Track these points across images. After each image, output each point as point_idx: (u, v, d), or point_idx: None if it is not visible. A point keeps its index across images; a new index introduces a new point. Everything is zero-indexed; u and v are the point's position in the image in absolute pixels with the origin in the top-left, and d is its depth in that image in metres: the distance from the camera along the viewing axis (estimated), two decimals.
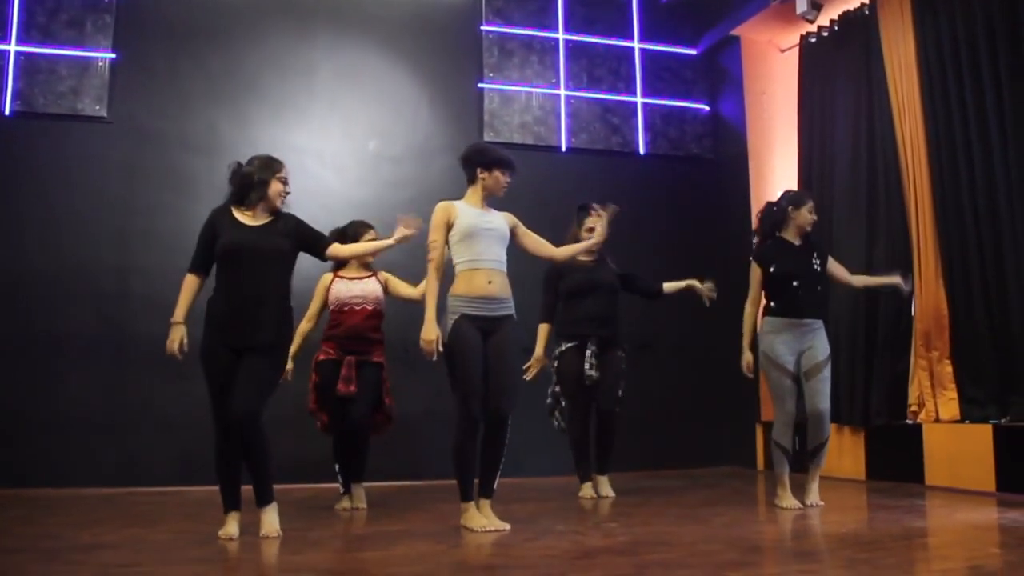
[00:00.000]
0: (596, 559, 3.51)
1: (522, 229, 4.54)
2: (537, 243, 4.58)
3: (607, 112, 7.77)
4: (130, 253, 6.50)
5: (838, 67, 6.98)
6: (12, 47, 6.50)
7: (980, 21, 5.75)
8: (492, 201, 4.51)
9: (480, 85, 7.49)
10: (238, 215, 4.17)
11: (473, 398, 4.16)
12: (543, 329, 5.63)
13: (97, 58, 6.66)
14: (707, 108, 8.02)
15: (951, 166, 5.94)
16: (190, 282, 4.13)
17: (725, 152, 7.86)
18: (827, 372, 4.90)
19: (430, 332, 4.18)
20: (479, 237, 4.30)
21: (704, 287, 5.61)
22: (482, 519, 4.21)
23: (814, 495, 4.94)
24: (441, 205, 4.38)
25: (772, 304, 4.99)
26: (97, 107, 6.63)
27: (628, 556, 3.51)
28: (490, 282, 4.27)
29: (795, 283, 4.88)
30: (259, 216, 4.17)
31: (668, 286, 5.69)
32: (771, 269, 4.96)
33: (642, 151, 7.79)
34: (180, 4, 6.95)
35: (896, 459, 6.06)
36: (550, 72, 7.67)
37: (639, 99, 7.84)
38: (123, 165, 6.61)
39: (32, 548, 3.76)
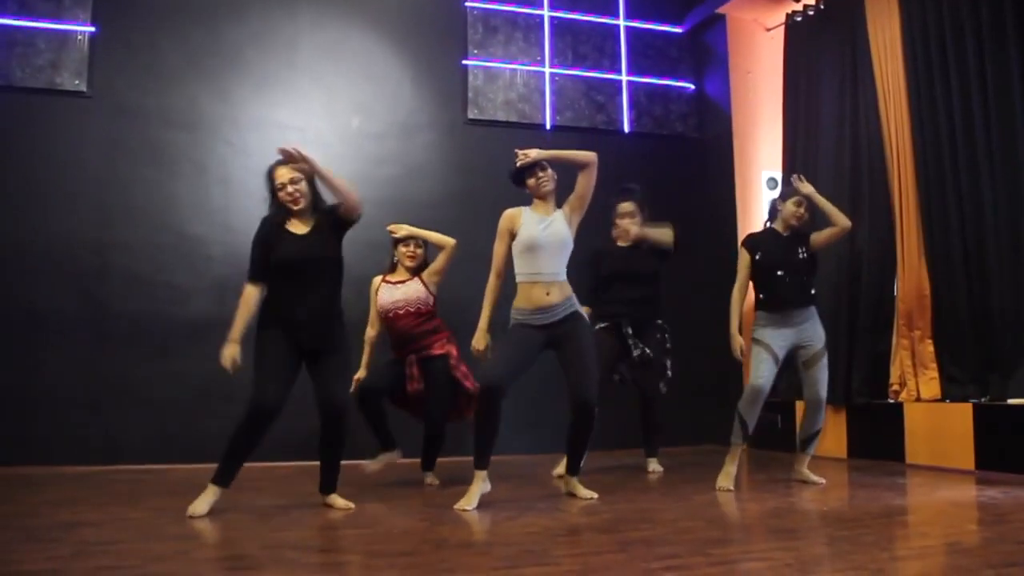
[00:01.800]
0: (579, 536, 3.52)
1: (573, 203, 4.53)
2: (582, 185, 4.53)
3: (592, 90, 7.74)
4: (110, 228, 6.43)
5: (823, 47, 6.98)
6: None
7: (966, 3, 5.75)
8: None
9: (464, 62, 7.44)
10: (288, 226, 4.23)
11: (495, 371, 4.21)
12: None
13: (76, 31, 6.55)
14: (692, 87, 8.00)
15: (935, 147, 5.96)
16: (249, 294, 4.19)
17: (710, 131, 7.85)
18: (825, 360, 4.97)
19: (480, 340, 4.38)
20: (539, 250, 4.36)
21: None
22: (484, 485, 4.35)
23: (811, 474, 5.04)
24: (506, 214, 4.48)
25: (760, 296, 5.05)
26: (76, 81, 6.53)
27: (611, 533, 3.53)
28: (548, 294, 4.35)
29: (779, 272, 4.93)
30: (302, 224, 4.23)
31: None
32: (756, 257, 5.01)
33: (627, 129, 7.78)
34: None
35: (877, 437, 6.11)
36: (535, 49, 7.63)
37: (624, 77, 7.81)
38: (103, 140, 6.54)
39: (11, 527, 3.74)
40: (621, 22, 7.88)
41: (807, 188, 5.04)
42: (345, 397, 4.23)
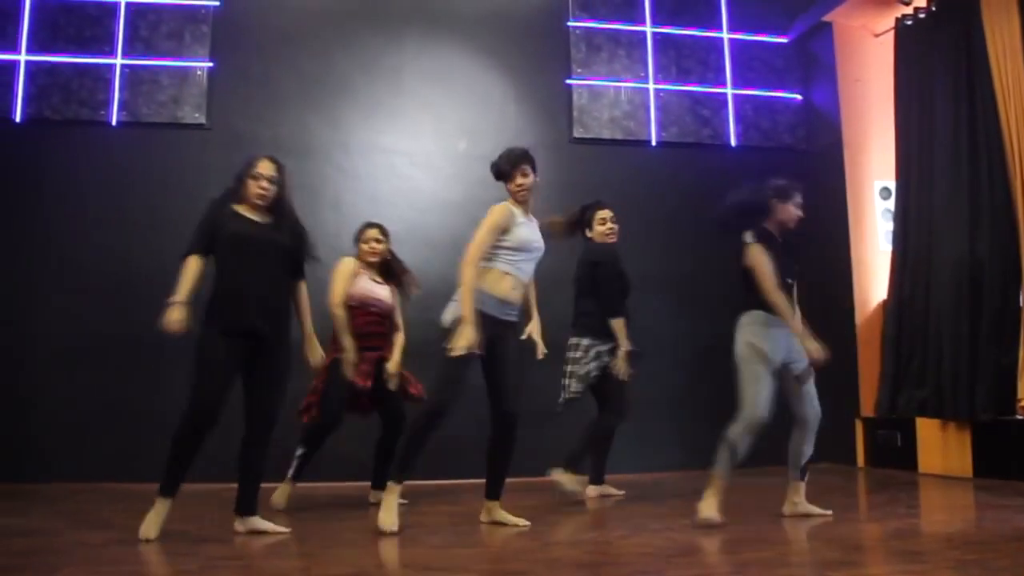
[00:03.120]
0: (693, 557, 3.47)
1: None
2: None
3: (697, 104, 7.68)
4: None
5: (936, 51, 6.74)
6: (118, 61, 6.83)
7: None
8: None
9: (568, 81, 7.49)
10: (240, 210, 4.20)
11: (449, 393, 4.11)
12: (620, 324, 5.28)
13: (195, 67, 6.91)
14: (799, 97, 7.85)
15: None
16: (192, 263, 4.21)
17: (819, 142, 7.69)
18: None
19: (470, 334, 4.02)
20: (528, 254, 4.31)
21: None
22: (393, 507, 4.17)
23: (814, 506, 4.51)
24: (504, 208, 4.29)
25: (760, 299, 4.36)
26: (196, 114, 6.88)
27: (726, 554, 3.48)
28: (514, 289, 4.27)
29: (788, 280, 4.40)
30: (255, 213, 4.17)
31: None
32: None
33: (733, 143, 7.68)
34: (273, 11, 7.15)
35: (1005, 456, 5.83)
36: (638, 66, 7.62)
37: (729, 90, 7.73)
38: (221, 169, 6.72)
39: (138, 540, 3.91)
40: (725, 34, 7.80)
41: None
42: (278, 409, 4.16)
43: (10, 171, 6.58)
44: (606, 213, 5.55)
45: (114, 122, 6.77)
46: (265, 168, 4.19)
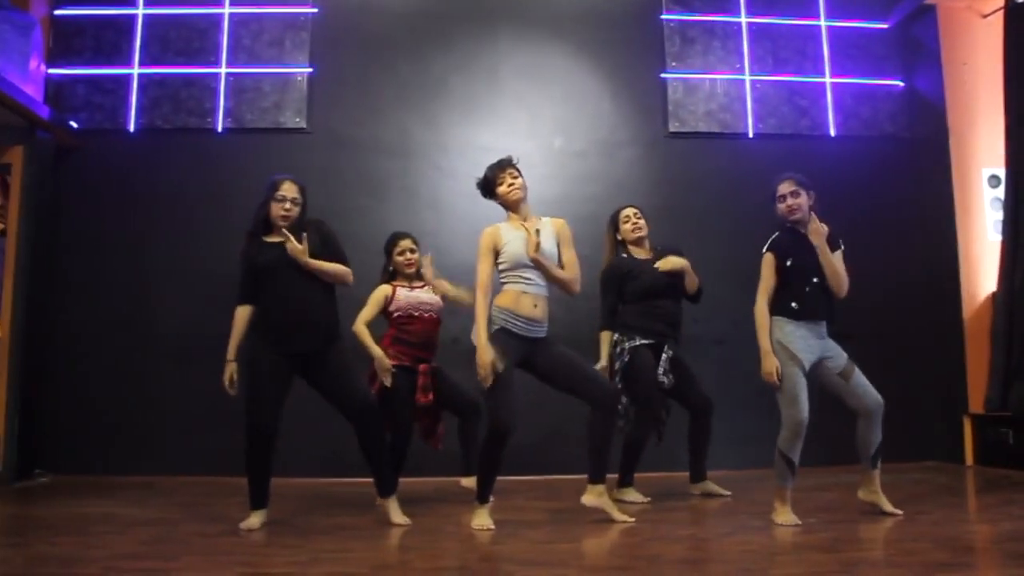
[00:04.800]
0: (798, 555, 3.46)
1: (567, 241, 4.47)
2: (571, 262, 4.43)
3: (794, 95, 7.54)
4: None
5: None
6: (223, 70, 7.10)
7: None
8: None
9: (663, 75, 7.45)
10: (266, 238, 4.46)
11: (506, 411, 4.12)
12: (607, 337, 5.30)
13: (296, 74, 7.13)
14: (901, 84, 7.63)
15: None
16: (239, 314, 4.56)
17: (922, 129, 7.45)
18: (857, 368, 4.37)
19: (486, 354, 4.13)
20: (528, 267, 4.29)
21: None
22: (487, 520, 4.24)
23: (887, 501, 4.44)
24: (486, 232, 4.37)
25: (793, 305, 4.34)
26: (297, 119, 7.09)
27: (831, 553, 3.45)
28: (535, 306, 4.29)
29: (815, 280, 4.35)
30: (279, 236, 4.37)
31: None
32: (787, 263, 4.41)
33: (833, 133, 7.52)
34: (369, 16, 7.31)
35: None
36: (734, 57, 7.53)
37: (828, 79, 7.56)
38: (322, 172, 6.99)
39: (255, 533, 4.08)
40: (822, 22, 7.64)
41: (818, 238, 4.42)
42: (366, 392, 4.39)
43: (126, 178, 6.94)
44: (629, 211, 5.54)
45: (220, 129, 7.04)
46: (288, 190, 4.40)
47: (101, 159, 6.94)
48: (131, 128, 6.98)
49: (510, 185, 4.44)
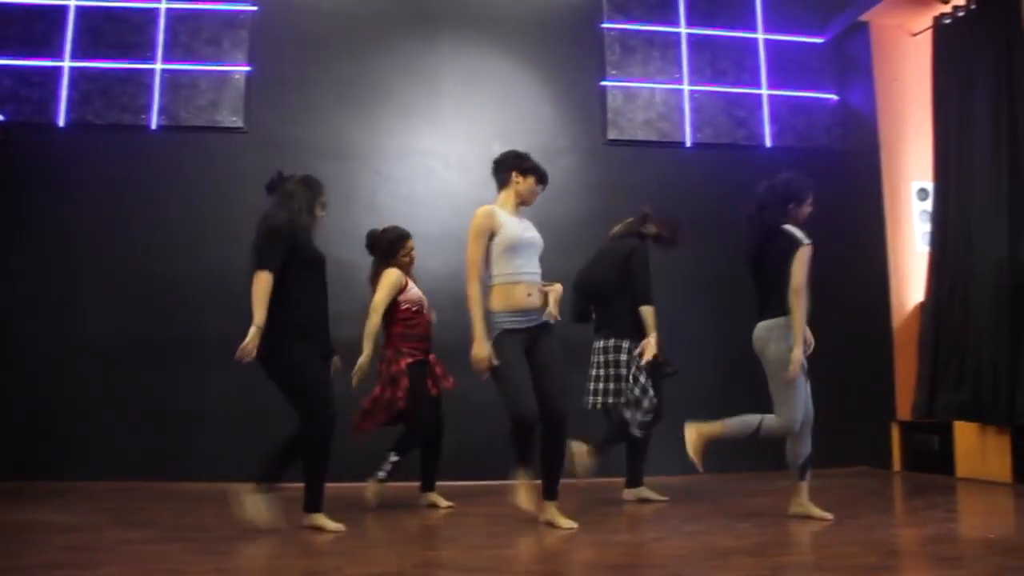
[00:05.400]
0: (729, 560, 3.48)
1: None
2: None
3: (732, 105, 7.66)
4: None
5: (976, 50, 6.67)
6: (158, 66, 6.95)
7: None
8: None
9: (602, 83, 7.50)
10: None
11: (525, 403, 4.13)
12: (653, 312, 5.21)
13: (234, 71, 7.02)
14: (835, 98, 7.80)
15: None
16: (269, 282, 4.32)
17: (855, 142, 7.62)
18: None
19: (482, 349, 4.16)
20: (521, 250, 4.30)
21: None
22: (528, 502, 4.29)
23: (815, 508, 4.48)
24: (484, 211, 4.35)
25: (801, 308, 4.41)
26: (234, 118, 6.99)
27: (761, 557, 3.48)
28: (529, 295, 4.27)
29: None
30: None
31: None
32: None
33: (769, 144, 7.65)
34: (309, 16, 7.24)
35: None
36: (673, 67, 7.61)
37: (764, 91, 7.70)
38: (259, 173, 6.75)
39: (183, 538, 3.99)
40: (760, 35, 7.77)
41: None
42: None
43: (54, 174, 6.74)
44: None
45: (154, 126, 6.90)
46: (326, 195, 4.52)
47: (28, 154, 6.72)
48: (60, 123, 6.79)
49: (536, 194, 4.63)
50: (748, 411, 4.59)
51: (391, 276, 5.23)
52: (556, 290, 4.38)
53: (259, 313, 4.06)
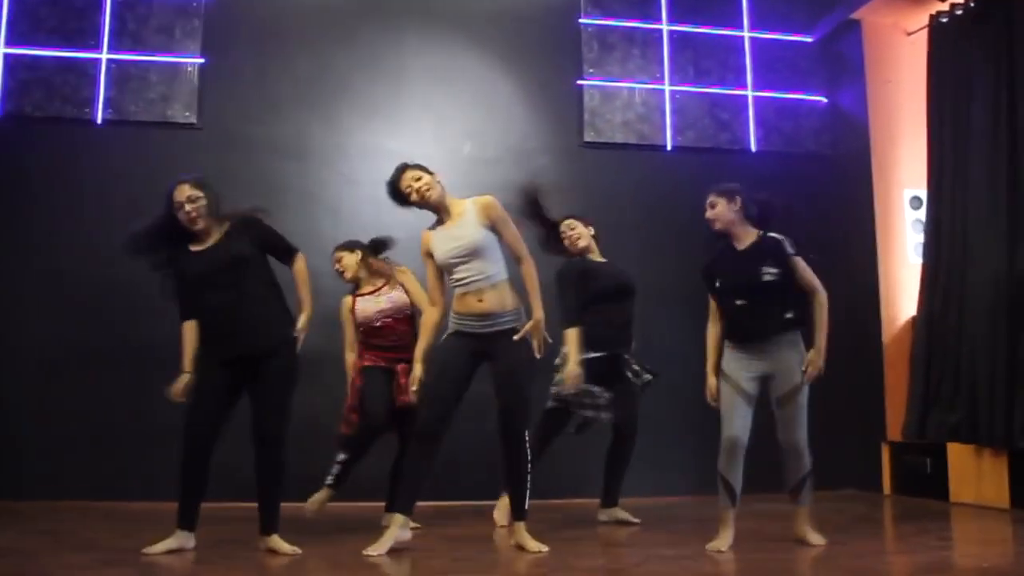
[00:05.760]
0: None
1: (501, 220, 4.43)
2: (514, 240, 4.47)
3: (715, 107, 7.58)
4: None
5: (974, 50, 6.60)
6: (104, 55, 6.75)
7: None
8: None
9: (579, 82, 7.40)
10: (190, 246, 4.35)
11: (426, 409, 4.24)
12: (575, 335, 5.01)
13: (186, 64, 6.86)
14: (825, 100, 7.75)
15: None
16: (186, 329, 4.43)
17: (845, 147, 7.58)
18: (803, 399, 4.31)
19: (416, 370, 4.35)
20: (452, 266, 4.34)
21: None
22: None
23: (812, 535, 4.39)
24: (422, 236, 4.50)
25: (726, 326, 4.45)
26: (187, 113, 6.83)
27: None
28: (480, 300, 4.28)
29: (738, 302, 4.32)
30: (200, 242, 4.33)
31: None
32: (716, 284, 4.45)
33: (754, 148, 7.58)
34: (268, 7, 7.09)
35: None
36: (654, 66, 7.53)
37: (750, 92, 7.63)
38: (214, 171, 6.59)
39: (126, 562, 3.90)
40: (746, 33, 7.71)
41: None
42: (278, 423, 4.23)
43: None
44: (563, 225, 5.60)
45: (99, 120, 6.70)
46: (180, 194, 4.27)
47: None
48: None
49: (416, 190, 4.40)
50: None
51: (341, 313, 5.39)
52: (532, 328, 4.30)
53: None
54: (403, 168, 4.48)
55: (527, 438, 4.26)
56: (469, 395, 4.32)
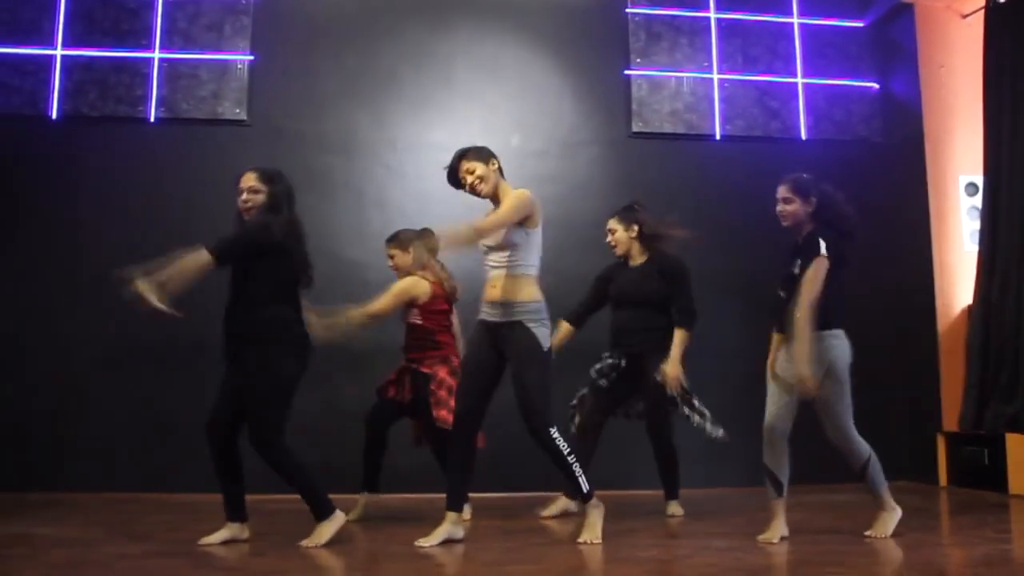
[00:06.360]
0: None
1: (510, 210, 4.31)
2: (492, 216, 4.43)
3: (765, 95, 7.57)
4: None
5: None
6: (156, 55, 6.93)
7: None
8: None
9: (627, 72, 7.44)
10: None
11: (459, 400, 4.33)
12: (682, 336, 5.24)
13: (236, 61, 7.02)
14: (877, 86, 7.70)
15: None
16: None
17: (897, 134, 7.52)
18: (832, 387, 4.25)
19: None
20: (485, 252, 4.39)
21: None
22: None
23: (876, 524, 4.36)
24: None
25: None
26: (237, 110, 6.98)
27: None
28: (493, 287, 4.31)
29: (780, 292, 4.39)
30: None
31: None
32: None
33: (804, 136, 7.56)
34: (316, 3, 7.23)
35: None
36: (701, 55, 7.55)
37: (800, 79, 7.60)
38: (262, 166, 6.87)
39: (183, 552, 4.00)
40: (795, 20, 7.68)
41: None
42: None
43: (46, 169, 6.72)
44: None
45: (152, 118, 6.89)
46: (243, 181, 4.41)
47: (18, 148, 6.71)
48: (53, 115, 6.78)
49: (471, 184, 4.40)
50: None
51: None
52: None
53: None
54: (460, 155, 4.44)
55: (549, 431, 4.19)
56: None
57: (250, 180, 4.39)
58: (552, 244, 5.73)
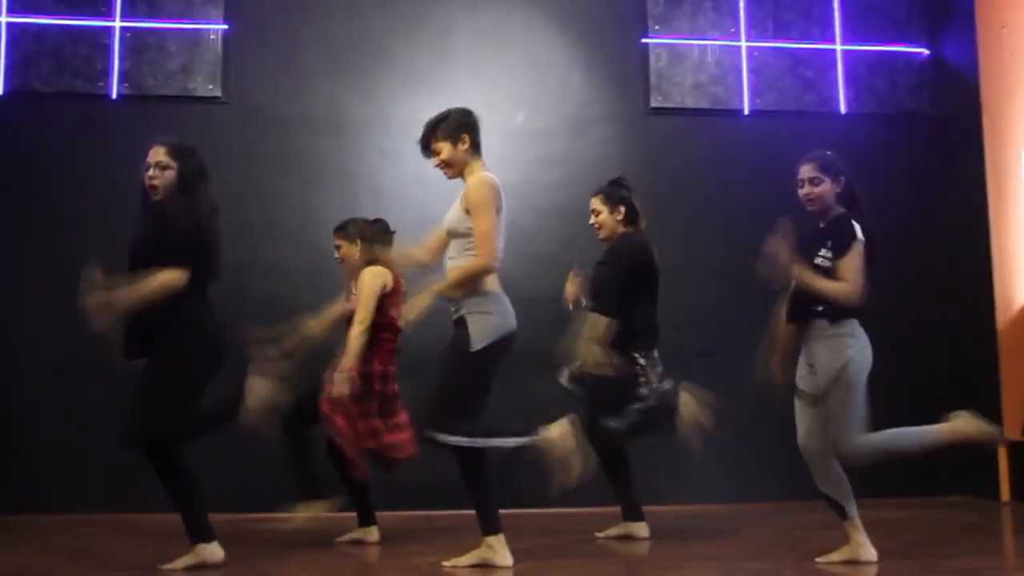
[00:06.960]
0: None
1: (474, 207, 4.22)
2: (478, 233, 4.22)
3: (799, 65, 7.41)
4: (248, 248, 6.56)
5: None
6: (116, 23, 6.80)
7: None
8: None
9: (644, 40, 7.28)
10: None
11: None
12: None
13: (208, 31, 6.87)
14: (926, 52, 7.50)
15: None
16: None
17: (950, 105, 7.32)
18: (840, 395, 4.11)
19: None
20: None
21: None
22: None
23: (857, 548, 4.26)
24: None
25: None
26: (210, 86, 6.87)
27: None
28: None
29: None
30: None
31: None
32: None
33: (843, 110, 7.40)
34: None
35: None
36: (728, 20, 7.38)
37: (839, 46, 7.43)
38: (240, 149, 6.80)
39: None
40: None
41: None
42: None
43: None
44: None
45: (114, 95, 6.74)
46: (152, 155, 4.38)
47: None
48: None
49: (437, 165, 4.45)
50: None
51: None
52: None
53: None
54: (431, 129, 4.47)
55: (438, 438, 4.06)
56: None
57: (159, 154, 4.33)
58: (558, 234, 5.64)
